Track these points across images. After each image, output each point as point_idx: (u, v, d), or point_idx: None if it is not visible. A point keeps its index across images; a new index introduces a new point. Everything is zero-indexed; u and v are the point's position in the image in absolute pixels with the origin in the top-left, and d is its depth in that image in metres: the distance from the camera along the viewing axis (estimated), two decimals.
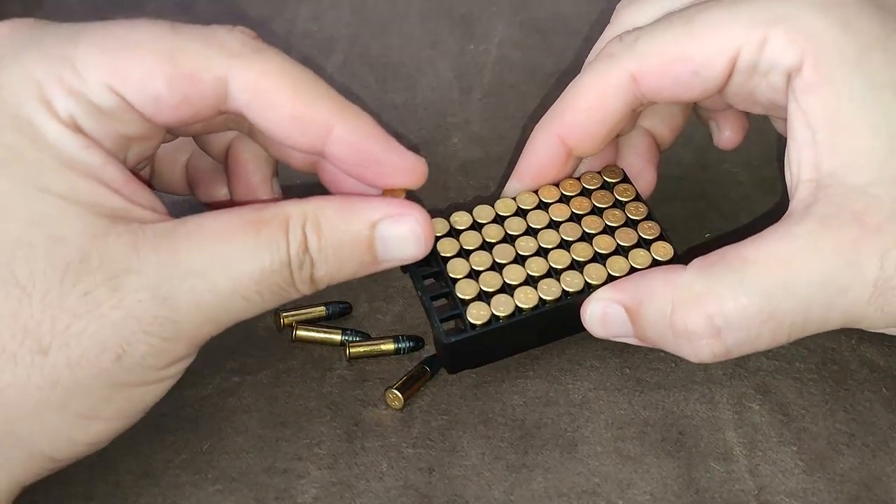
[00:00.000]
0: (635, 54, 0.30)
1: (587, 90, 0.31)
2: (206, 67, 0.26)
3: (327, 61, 0.49)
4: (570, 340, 0.33)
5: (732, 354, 0.27)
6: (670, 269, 0.28)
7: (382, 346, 0.33)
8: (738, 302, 0.26)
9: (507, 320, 0.30)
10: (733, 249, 0.27)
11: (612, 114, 0.31)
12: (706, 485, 0.29)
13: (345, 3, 0.54)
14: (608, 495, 0.29)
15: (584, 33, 0.50)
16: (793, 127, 0.28)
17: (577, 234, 0.31)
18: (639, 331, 0.28)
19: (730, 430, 0.30)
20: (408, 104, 0.46)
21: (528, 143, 0.32)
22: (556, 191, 0.33)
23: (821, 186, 0.27)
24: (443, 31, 0.52)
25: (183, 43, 0.27)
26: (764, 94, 0.29)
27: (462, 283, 0.30)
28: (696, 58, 0.29)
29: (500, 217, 0.32)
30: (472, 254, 0.31)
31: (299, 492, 0.29)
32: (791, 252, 0.26)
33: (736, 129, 0.35)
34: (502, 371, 0.32)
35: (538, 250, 0.31)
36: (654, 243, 0.31)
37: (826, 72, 0.27)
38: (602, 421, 0.31)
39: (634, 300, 0.28)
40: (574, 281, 0.30)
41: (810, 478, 0.29)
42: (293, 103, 0.27)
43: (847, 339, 0.33)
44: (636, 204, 0.32)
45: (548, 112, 0.32)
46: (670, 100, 0.31)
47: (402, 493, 0.29)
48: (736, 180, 0.41)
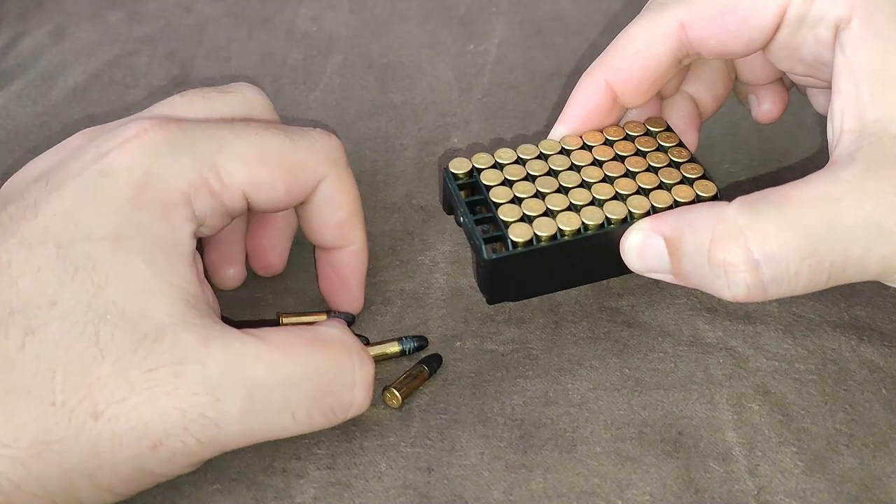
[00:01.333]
0: (685, 2, 0.30)
1: (636, 36, 0.31)
2: (314, 176, 0.31)
3: (327, 61, 0.49)
4: (570, 340, 0.33)
5: (768, 292, 0.27)
6: (715, 204, 0.28)
7: (388, 350, 0.33)
8: (780, 236, 0.26)
9: (548, 241, 0.29)
10: (778, 189, 0.27)
11: (660, 61, 0.31)
12: (705, 485, 0.29)
13: (345, 3, 0.54)
14: (607, 495, 0.29)
15: (584, 33, 0.50)
16: (838, 80, 0.28)
17: (620, 172, 0.31)
18: (676, 265, 0.28)
19: (729, 431, 0.30)
20: (408, 104, 0.46)
21: (576, 89, 0.33)
22: (600, 135, 0.33)
23: (864, 135, 0.27)
24: (443, 31, 0.52)
25: (301, 155, 0.30)
26: (810, 48, 0.30)
27: (505, 207, 0.30)
28: (745, 7, 0.29)
29: (544, 155, 0.32)
30: (516, 183, 0.31)
31: (298, 491, 0.29)
32: (836, 193, 0.26)
33: (776, 102, 0.36)
34: (502, 370, 0.32)
35: (581, 183, 0.31)
36: (697, 181, 0.31)
37: (875, 25, 0.27)
38: (601, 421, 0.31)
39: (675, 231, 0.28)
40: (617, 209, 0.30)
41: (810, 478, 0.29)
42: (347, 217, 0.32)
43: (847, 340, 0.33)
44: (679, 149, 0.32)
45: (597, 58, 0.32)
46: (717, 51, 0.31)
47: (401, 493, 0.29)
48: (736, 180, 0.41)
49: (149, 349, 0.25)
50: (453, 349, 0.33)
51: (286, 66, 0.49)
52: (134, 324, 0.25)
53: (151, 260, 0.26)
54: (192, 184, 0.28)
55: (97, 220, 0.27)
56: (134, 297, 0.26)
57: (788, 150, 0.41)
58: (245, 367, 0.26)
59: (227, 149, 0.29)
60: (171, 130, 0.29)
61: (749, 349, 0.33)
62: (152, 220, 0.27)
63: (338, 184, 0.31)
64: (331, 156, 0.31)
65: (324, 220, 0.32)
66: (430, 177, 0.42)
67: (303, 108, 0.46)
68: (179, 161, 0.28)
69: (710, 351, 0.33)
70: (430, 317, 0.35)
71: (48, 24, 0.53)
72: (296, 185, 0.30)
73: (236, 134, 0.29)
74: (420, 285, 0.36)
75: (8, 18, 0.54)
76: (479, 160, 0.32)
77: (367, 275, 0.34)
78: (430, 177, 0.42)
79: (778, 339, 0.33)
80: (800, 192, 0.27)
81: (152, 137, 0.28)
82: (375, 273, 0.37)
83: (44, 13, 0.54)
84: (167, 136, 0.28)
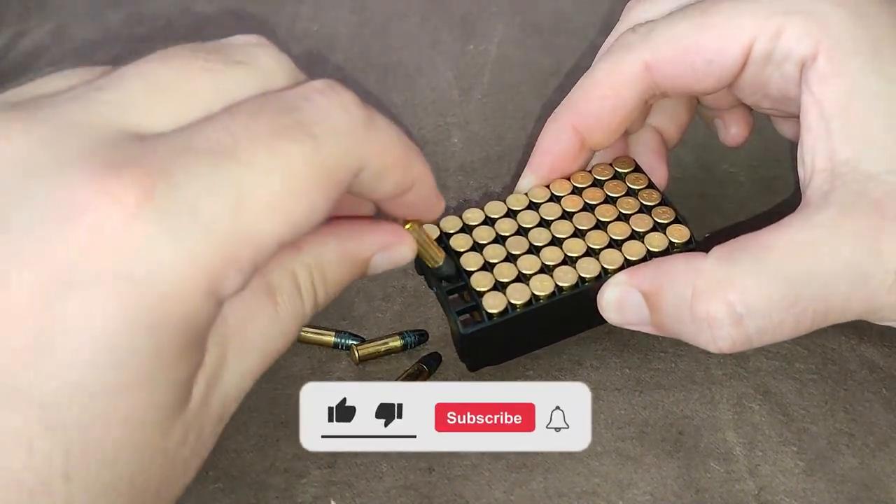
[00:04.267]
0: (650, 44, 0.30)
1: (602, 79, 0.31)
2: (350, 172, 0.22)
3: (327, 61, 0.49)
4: (570, 341, 0.33)
5: (753, 343, 0.27)
6: (692, 256, 0.28)
7: (390, 343, 0.33)
8: (761, 288, 0.26)
9: (523, 308, 0.29)
10: (753, 237, 0.27)
11: (627, 103, 0.31)
12: (706, 485, 0.29)
13: (345, 3, 0.54)
14: (608, 495, 0.29)
15: (584, 33, 0.50)
16: (807, 118, 0.28)
17: (591, 223, 0.31)
18: (656, 318, 0.28)
19: (730, 430, 0.30)
20: (408, 104, 0.46)
21: (542, 135, 0.32)
22: (567, 184, 0.33)
23: (836, 175, 0.27)
24: (443, 31, 0.52)
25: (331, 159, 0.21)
26: (776, 85, 0.29)
27: (477, 276, 0.30)
28: (710, 47, 0.29)
29: (512, 211, 0.32)
30: (486, 247, 0.31)
31: (300, 491, 0.29)
32: (812, 239, 0.26)
33: (742, 126, 0.35)
34: (502, 370, 0.32)
35: (552, 240, 0.31)
36: (670, 227, 0.31)
37: (840, 61, 0.27)
38: (602, 421, 0.31)
39: (654, 285, 0.28)
40: (590, 267, 0.30)
41: (810, 478, 0.29)
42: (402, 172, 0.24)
43: (847, 340, 0.33)
44: (649, 191, 0.32)
45: (562, 103, 0.32)
46: (684, 90, 0.31)
47: (401, 493, 0.29)
48: (736, 180, 0.41)
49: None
50: (453, 348, 0.33)
51: None
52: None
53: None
54: (213, 274, 0.19)
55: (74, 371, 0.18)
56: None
57: (788, 150, 0.41)
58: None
59: (248, 199, 0.19)
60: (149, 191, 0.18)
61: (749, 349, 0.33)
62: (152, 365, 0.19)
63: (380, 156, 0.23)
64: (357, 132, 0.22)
65: (381, 190, 0.24)
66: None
67: None
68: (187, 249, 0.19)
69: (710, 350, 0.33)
70: (431, 315, 0.35)
71: (48, 24, 0.53)
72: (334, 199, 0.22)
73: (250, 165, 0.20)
74: (421, 283, 0.36)
75: (8, 18, 0.54)
76: (447, 224, 0.32)
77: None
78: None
79: None
80: (777, 240, 0.26)
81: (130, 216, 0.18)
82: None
83: (44, 13, 0.54)
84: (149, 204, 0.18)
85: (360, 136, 0.23)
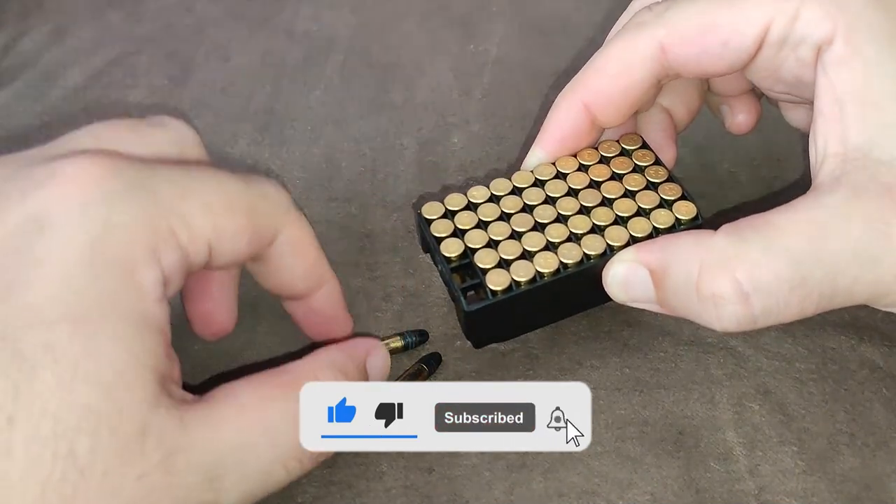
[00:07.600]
0: (665, 23, 0.30)
1: (614, 57, 0.31)
2: (273, 225, 0.28)
3: (327, 61, 0.49)
4: (571, 340, 0.33)
5: (758, 323, 0.26)
6: (700, 233, 0.27)
7: (391, 344, 0.33)
8: (769, 267, 0.25)
9: (527, 286, 0.29)
10: (763, 217, 0.27)
11: (639, 82, 0.30)
12: (706, 485, 0.29)
13: (345, 3, 0.54)
14: (608, 495, 0.29)
15: (584, 33, 0.50)
16: (820, 101, 0.28)
17: (596, 200, 0.31)
18: (662, 295, 0.28)
19: (730, 431, 0.30)
20: (408, 104, 0.46)
21: (552, 111, 0.32)
22: (574, 161, 0.32)
23: (848, 160, 0.26)
24: (443, 31, 0.52)
25: (260, 204, 0.27)
26: (791, 69, 0.29)
27: (481, 253, 0.30)
28: (726, 28, 0.29)
29: (518, 189, 0.32)
30: (491, 224, 0.31)
31: (299, 491, 0.29)
32: (822, 220, 0.26)
33: (750, 113, 0.35)
34: (502, 370, 0.32)
35: (557, 217, 0.31)
36: (676, 203, 0.31)
37: (857, 45, 0.27)
38: (602, 421, 0.31)
39: (660, 262, 0.28)
40: (595, 244, 0.30)
41: (810, 478, 0.29)
42: (315, 260, 0.30)
43: (847, 339, 0.33)
44: (656, 168, 0.32)
45: (573, 79, 0.32)
46: (697, 72, 0.30)
47: (402, 493, 0.29)
48: (736, 180, 0.41)
49: (134, 452, 0.22)
50: (454, 348, 0.33)
51: (286, 66, 0.49)
52: (114, 428, 0.21)
53: (121, 341, 0.22)
54: (160, 235, 0.24)
55: (46, 295, 0.22)
56: (108, 395, 0.22)
57: (789, 150, 0.41)
58: (228, 439, 0.24)
59: (191, 194, 0.25)
60: (122, 169, 0.24)
61: (749, 349, 0.33)
62: (115, 287, 0.23)
63: (300, 230, 0.29)
64: (284, 203, 0.28)
65: (292, 270, 0.29)
66: (430, 177, 0.42)
67: (303, 107, 0.46)
68: (142, 208, 0.24)
69: (710, 350, 0.33)
70: (431, 315, 0.35)
71: (48, 24, 0.53)
72: (257, 236, 0.27)
73: (197, 177, 0.26)
74: (421, 283, 0.36)
75: (8, 18, 0.54)
76: (452, 202, 0.32)
77: (368, 270, 0.34)
78: (430, 177, 0.42)
79: (778, 338, 0.33)
80: (786, 220, 0.26)
81: (102, 177, 0.23)
82: (376, 269, 0.37)
83: (44, 13, 0.54)
84: (120, 176, 0.24)
85: (286, 208, 0.28)
